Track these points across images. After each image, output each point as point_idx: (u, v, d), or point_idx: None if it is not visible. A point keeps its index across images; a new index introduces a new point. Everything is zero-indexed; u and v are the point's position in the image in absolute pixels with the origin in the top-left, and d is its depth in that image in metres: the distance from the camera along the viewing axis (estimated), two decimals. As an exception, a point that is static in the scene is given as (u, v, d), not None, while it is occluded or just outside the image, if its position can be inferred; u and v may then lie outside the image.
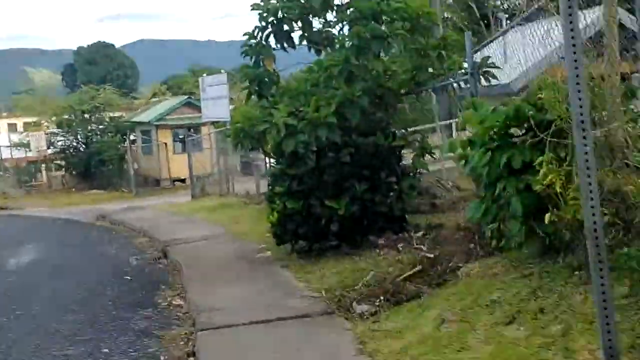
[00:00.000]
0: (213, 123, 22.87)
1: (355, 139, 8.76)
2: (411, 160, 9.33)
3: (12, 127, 49.67)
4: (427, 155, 9.20)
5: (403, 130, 9.60)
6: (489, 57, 9.04)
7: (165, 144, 30.57)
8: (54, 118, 32.18)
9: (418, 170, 9.40)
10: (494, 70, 8.75)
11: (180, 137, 28.55)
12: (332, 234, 8.97)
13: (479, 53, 8.16)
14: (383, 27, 8.91)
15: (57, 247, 14.29)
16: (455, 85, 8.95)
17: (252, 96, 9.97)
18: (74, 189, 31.46)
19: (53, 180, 33.55)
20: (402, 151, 9.46)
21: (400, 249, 8.17)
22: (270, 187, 9.54)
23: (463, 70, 8.92)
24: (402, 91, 9.43)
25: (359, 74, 8.45)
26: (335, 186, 8.79)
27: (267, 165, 16.72)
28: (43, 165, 35.30)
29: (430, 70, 9.27)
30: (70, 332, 7.08)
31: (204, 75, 22.49)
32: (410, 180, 9.09)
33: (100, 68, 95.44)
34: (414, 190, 9.14)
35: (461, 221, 8.49)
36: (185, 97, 33.56)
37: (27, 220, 21.67)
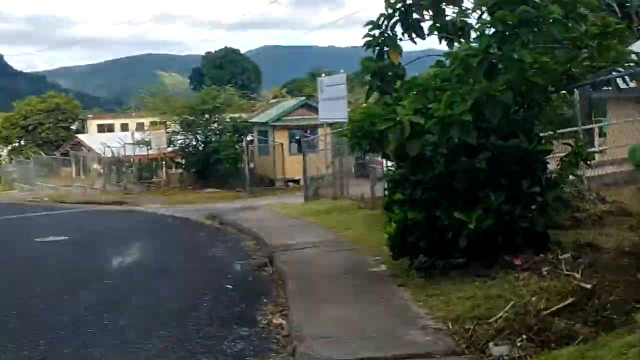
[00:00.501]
0: (330, 125, 22.05)
1: (493, 142, 7.42)
2: (558, 168, 7.84)
3: (140, 126, 51.49)
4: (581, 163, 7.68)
5: (550, 133, 8.14)
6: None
7: (282, 144, 30.12)
8: (175, 117, 32.56)
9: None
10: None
11: (297, 138, 27.98)
12: (459, 251, 7.68)
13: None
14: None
15: (162, 248, 13.79)
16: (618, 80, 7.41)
17: (373, 92, 8.85)
18: (190, 187, 31.63)
19: (171, 177, 34.01)
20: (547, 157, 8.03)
21: (545, 273, 6.78)
22: (388, 193, 8.38)
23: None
24: (551, 87, 7.97)
25: (502, 66, 7.10)
26: (467, 195, 7.49)
27: (385, 168, 15.57)
28: (163, 162, 35.94)
29: (587, 62, 7.78)
30: (156, 351, 6.22)
31: (323, 75, 21.65)
32: (557, 192, 7.62)
33: (225, 72, 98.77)
34: (561, 204, 7.66)
35: (624, 243, 6.98)
36: (303, 98, 33.03)
37: (140, 217, 21.66)
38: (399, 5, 8.66)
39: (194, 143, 32.41)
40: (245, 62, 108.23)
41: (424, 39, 8.89)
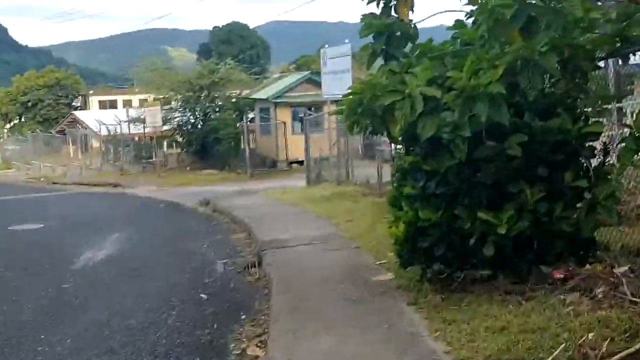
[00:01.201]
0: (336, 101, 20.35)
1: (529, 122, 5.80)
2: (615, 155, 6.20)
3: (143, 102, 49.75)
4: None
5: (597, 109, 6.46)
6: None
7: (284, 123, 28.37)
8: (171, 93, 30.79)
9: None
10: None
11: (300, 116, 26.25)
12: (484, 260, 6.08)
13: None
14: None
15: (143, 240, 12.24)
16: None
17: (377, 58, 7.18)
18: (188, 168, 29.99)
19: (169, 157, 32.35)
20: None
21: (600, 296, 5.19)
22: (396, 186, 6.78)
23: None
24: (599, 53, 6.29)
25: (545, 20, 5.41)
26: (495, 191, 5.90)
27: (393, 150, 13.93)
28: (164, 141, 34.29)
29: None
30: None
31: (326, 46, 19.91)
32: (610, 186, 6.00)
33: (234, 47, 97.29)
34: (615, 201, 6.05)
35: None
36: (307, 72, 31.12)
37: (130, 201, 20.27)
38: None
39: (192, 121, 30.66)
40: (254, 38, 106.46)
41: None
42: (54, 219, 15.91)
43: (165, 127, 31.18)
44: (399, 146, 7.97)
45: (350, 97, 6.51)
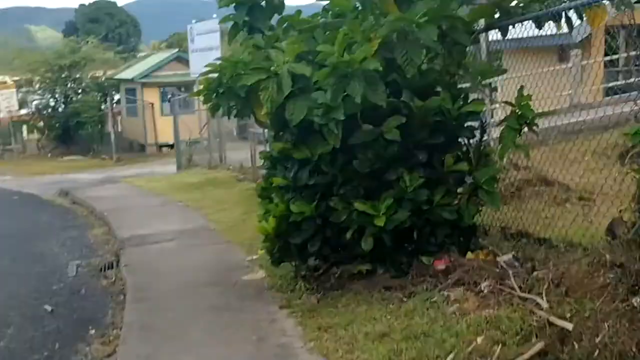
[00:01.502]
0: (205, 81, 19.26)
1: (407, 101, 5.25)
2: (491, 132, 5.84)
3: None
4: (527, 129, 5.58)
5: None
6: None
7: (152, 104, 26.86)
8: (28, 74, 28.38)
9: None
10: None
11: (169, 96, 24.93)
12: (362, 254, 5.53)
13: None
14: None
15: (-15, 240, 10.85)
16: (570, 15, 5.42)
17: (241, 31, 6.42)
18: (50, 154, 27.91)
19: (28, 144, 30.00)
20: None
21: (486, 291, 4.76)
22: (265, 176, 6.10)
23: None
24: (477, 26, 5.88)
25: (420, -11, 4.88)
26: (373, 179, 5.34)
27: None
28: (24, 126, 31.79)
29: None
30: None
31: (194, 22, 18.82)
32: (492, 169, 5.61)
33: (101, 26, 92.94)
34: (496, 185, 5.68)
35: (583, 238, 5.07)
36: (176, 50, 29.66)
37: (-21, 194, 18.30)
38: None
39: (52, 104, 28.46)
40: (123, 15, 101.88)
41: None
42: None
43: (24, 111, 28.80)
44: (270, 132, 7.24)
45: (209, 77, 5.73)
